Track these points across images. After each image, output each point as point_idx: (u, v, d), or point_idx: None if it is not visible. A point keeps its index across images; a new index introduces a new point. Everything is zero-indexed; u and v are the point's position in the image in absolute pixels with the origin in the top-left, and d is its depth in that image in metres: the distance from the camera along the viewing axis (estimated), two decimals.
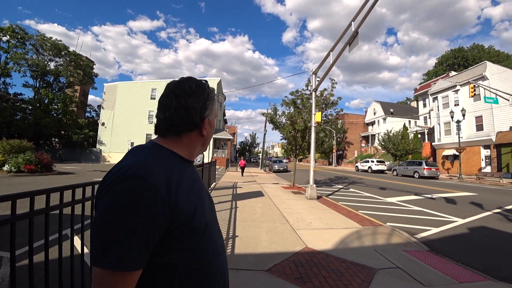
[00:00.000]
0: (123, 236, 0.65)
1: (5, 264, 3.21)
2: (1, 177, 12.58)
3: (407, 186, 14.98)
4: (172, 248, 0.74)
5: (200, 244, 0.80)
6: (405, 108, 51.46)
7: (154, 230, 0.69)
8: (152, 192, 0.68)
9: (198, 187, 0.88)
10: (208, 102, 0.89)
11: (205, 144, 0.94)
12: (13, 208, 1.51)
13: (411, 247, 4.54)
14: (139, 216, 0.66)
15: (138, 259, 0.67)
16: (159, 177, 0.72)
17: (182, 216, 0.74)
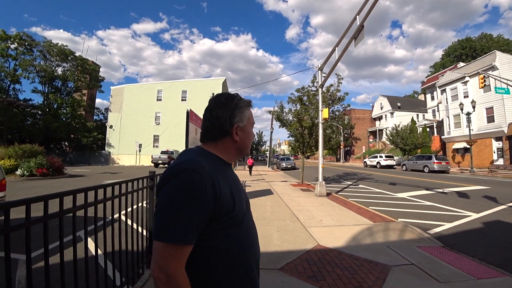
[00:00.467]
0: (181, 216, 0.83)
1: (21, 266, 3.29)
2: (15, 181, 12.86)
3: (417, 181, 14.78)
4: (216, 233, 0.91)
5: (238, 232, 0.96)
6: (412, 102, 50.62)
7: (202, 214, 0.86)
8: (203, 182, 0.86)
9: (236, 184, 1.05)
10: (236, 111, 1.05)
11: (241, 149, 1.10)
12: (27, 212, 1.53)
13: (425, 243, 4.48)
14: (193, 200, 0.84)
15: (190, 236, 0.84)
16: (207, 172, 0.89)
17: (224, 207, 0.91)
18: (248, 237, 1.02)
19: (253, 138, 1.15)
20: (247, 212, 1.05)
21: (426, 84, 41.81)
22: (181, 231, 0.82)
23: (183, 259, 0.84)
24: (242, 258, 0.96)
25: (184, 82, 38.04)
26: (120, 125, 36.31)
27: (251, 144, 1.15)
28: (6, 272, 1.40)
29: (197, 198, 0.84)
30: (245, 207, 1.04)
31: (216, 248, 0.91)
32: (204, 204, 0.85)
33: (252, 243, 1.04)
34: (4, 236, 1.38)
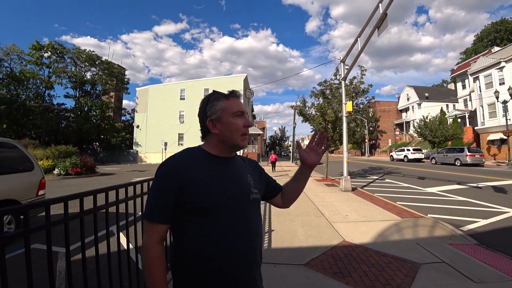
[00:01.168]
0: (151, 199, 1.03)
1: (61, 258, 3.54)
2: (52, 180, 13.78)
3: (448, 175, 14.04)
4: (187, 220, 1.02)
5: (211, 223, 1.00)
6: (441, 91, 47.86)
7: (166, 199, 1.00)
8: (169, 173, 1.02)
9: (223, 177, 1.08)
10: (207, 107, 1.12)
11: (224, 141, 1.11)
12: (65, 209, 1.65)
13: (457, 240, 4.26)
14: (158, 188, 1.02)
15: (155, 216, 1.01)
16: (176, 166, 1.03)
17: (190, 196, 1.00)
18: (227, 230, 1.01)
19: (238, 127, 1.10)
20: (232, 205, 1.04)
21: (456, 72, 39.31)
22: (149, 211, 1.02)
23: (152, 231, 1.01)
24: (209, 248, 0.99)
25: (206, 80, 38.63)
26: (146, 125, 37.65)
27: (237, 133, 1.10)
28: (48, 263, 1.52)
29: (161, 186, 1.02)
30: (228, 200, 1.04)
31: (185, 233, 1.02)
32: (167, 190, 1.00)
33: (228, 236, 1.01)
34: (46, 231, 1.49)
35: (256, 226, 1.13)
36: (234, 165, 1.16)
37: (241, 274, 1.04)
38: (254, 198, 1.14)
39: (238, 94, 1.16)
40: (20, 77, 32.36)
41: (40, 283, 2.74)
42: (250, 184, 1.16)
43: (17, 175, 4.66)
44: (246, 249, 1.05)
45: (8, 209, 1.38)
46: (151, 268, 0.99)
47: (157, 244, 1.01)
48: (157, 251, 1.00)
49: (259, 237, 1.15)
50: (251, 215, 1.11)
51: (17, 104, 30.29)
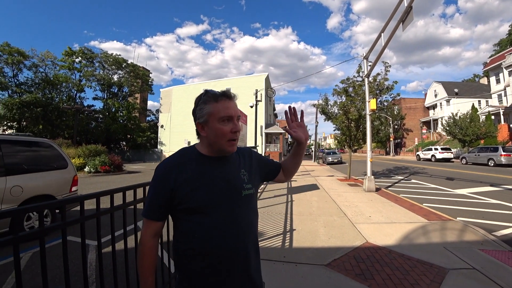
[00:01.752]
0: (148, 198, 1.12)
1: (92, 251, 3.76)
2: (84, 177, 14.58)
3: (480, 176, 13.25)
4: (180, 218, 1.10)
5: (203, 221, 1.06)
6: (472, 87, 45.03)
7: (160, 198, 1.08)
8: (163, 174, 1.10)
9: (210, 178, 1.11)
10: (197, 109, 1.15)
11: (211, 144, 1.13)
12: (97, 204, 1.76)
13: (490, 246, 4.03)
14: (153, 188, 1.11)
15: (150, 214, 1.10)
16: (169, 167, 1.11)
17: (181, 195, 1.06)
18: (212, 227, 1.07)
19: (222, 133, 1.09)
20: (221, 204, 1.09)
21: (489, 65, 36.71)
22: (145, 209, 1.12)
23: (148, 228, 1.11)
24: (201, 243, 1.06)
25: (227, 80, 39.10)
26: (170, 124, 38.79)
27: (222, 139, 1.10)
28: (82, 254, 1.63)
29: (155, 187, 1.10)
30: (217, 199, 1.09)
31: (180, 231, 1.11)
32: (160, 191, 1.08)
33: (218, 234, 1.06)
34: (80, 224, 1.61)
35: (246, 222, 1.14)
36: (227, 163, 1.17)
37: (232, 270, 1.08)
38: (246, 194, 1.15)
39: (229, 95, 1.12)
40: (54, 81, 34.53)
41: (72, 272, 2.93)
42: (243, 180, 1.17)
43: (52, 172, 5.00)
44: (235, 245, 1.08)
45: (49, 203, 1.50)
46: (143, 258, 1.10)
47: (151, 238, 1.11)
48: (149, 244, 1.10)
49: (251, 233, 1.15)
50: (241, 212, 1.13)
51: (51, 106, 32.28)
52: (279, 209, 6.29)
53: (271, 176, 1.42)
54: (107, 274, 2.71)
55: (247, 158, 1.28)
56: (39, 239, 1.33)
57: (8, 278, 3.12)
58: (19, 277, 1.20)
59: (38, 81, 34.18)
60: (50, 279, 2.94)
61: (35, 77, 34.22)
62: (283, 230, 4.76)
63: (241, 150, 1.30)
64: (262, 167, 1.36)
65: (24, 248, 3.85)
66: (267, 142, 36.78)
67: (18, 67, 32.42)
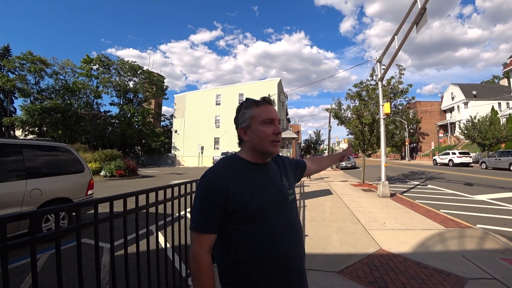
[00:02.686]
0: (197, 211, 1.06)
1: (105, 253, 3.84)
2: (99, 181, 14.98)
3: (501, 181, 12.70)
4: (233, 228, 1.06)
5: (257, 229, 1.05)
6: (492, 88, 43.34)
7: (212, 209, 1.03)
8: (214, 185, 1.04)
9: (260, 184, 1.12)
10: (239, 115, 1.18)
11: (254, 147, 1.14)
12: (111, 208, 1.81)
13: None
14: (204, 199, 1.04)
15: (202, 226, 1.04)
16: (220, 177, 1.06)
17: (235, 206, 1.04)
18: (271, 234, 1.06)
19: (266, 134, 1.12)
20: (275, 209, 1.10)
21: (510, 65, 35.46)
22: (196, 222, 1.05)
23: (203, 243, 1.04)
24: (261, 252, 1.04)
25: (240, 85, 39.50)
26: (184, 130, 39.43)
27: (265, 141, 1.12)
28: (95, 256, 1.67)
29: (206, 198, 1.04)
30: (271, 204, 1.10)
31: (235, 241, 1.06)
32: (213, 202, 1.03)
33: (277, 240, 1.06)
34: (94, 227, 1.65)
35: (297, 225, 1.19)
36: (270, 170, 1.20)
37: (292, 275, 1.09)
38: (292, 199, 1.21)
39: (269, 100, 1.18)
40: (73, 88, 35.90)
41: (87, 274, 3.00)
42: (286, 186, 1.22)
43: (70, 176, 5.17)
44: (293, 250, 1.10)
45: (65, 206, 1.55)
46: (203, 277, 1.02)
47: (207, 254, 1.04)
48: (207, 261, 1.03)
49: (301, 235, 1.21)
50: (292, 216, 1.18)
51: (70, 112, 33.51)
52: None
53: (301, 175, 1.54)
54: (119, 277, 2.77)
55: (281, 163, 1.33)
56: (55, 240, 1.38)
57: (26, 278, 3.22)
58: (35, 277, 1.24)
59: (58, 88, 35.63)
60: (66, 280, 3.02)
61: (56, 84, 35.71)
62: None
63: (277, 157, 1.35)
64: (294, 169, 1.44)
65: (42, 249, 3.98)
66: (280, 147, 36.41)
67: (40, 74, 33.96)
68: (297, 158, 1.51)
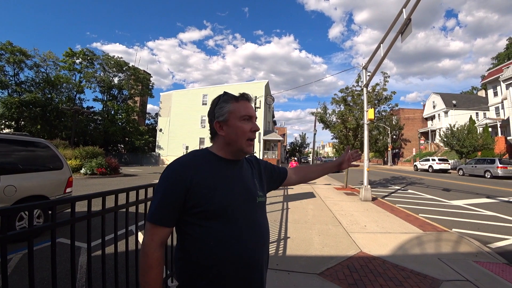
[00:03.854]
0: (155, 201, 1.00)
1: (83, 253, 3.71)
2: (79, 179, 14.48)
3: (476, 188, 13.27)
4: (193, 223, 1.00)
5: (219, 227, 0.99)
6: (470, 99, 45.43)
7: (171, 202, 0.98)
8: (175, 176, 0.99)
9: (228, 180, 1.07)
10: (216, 108, 1.12)
11: (229, 144, 1.09)
12: (89, 206, 1.75)
13: (484, 258, 4.02)
14: (164, 190, 0.99)
15: (160, 217, 0.98)
16: (184, 168, 1.01)
17: (197, 199, 0.98)
18: (235, 232, 1.01)
19: (243, 130, 1.08)
20: (241, 208, 1.05)
21: (487, 78, 37.10)
22: (154, 213, 0.99)
23: (155, 235, 0.98)
24: (223, 251, 0.98)
25: (228, 86, 39.44)
26: (169, 129, 38.82)
27: (242, 138, 1.08)
28: (71, 256, 1.62)
29: (167, 188, 0.99)
30: (237, 202, 1.04)
31: (195, 238, 1.00)
32: (173, 193, 0.98)
33: (241, 239, 1.01)
34: (70, 225, 1.60)
35: (264, 229, 1.13)
36: (241, 168, 1.15)
37: (253, 277, 1.03)
38: (260, 201, 1.15)
39: (249, 97, 1.14)
40: (54, 82, 34.56)
41: (63, 275, 2.89)
42: (257, 187, 1.17)
43: (47, 172, 4.97)
44: (256, 252, 1.04)
45: (39, 203, 1.49)
46: (149, 271, 0.96)
47: (158, 248, 0.98)
48: (157, 255, 0.98)
49: (268, 240, 1.15)
50: (258, 218, 1.11)
51: (51, 106, 32.27)
52: (274, 216, 6.26)
53: (278, 183, 1.42)
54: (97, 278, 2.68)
55: (255, 165, 1.28)
56: (27, 239, 1.32)
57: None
58: (5, 277, 1.18)
59: (38, 81, 34.22)
60: (39, 281, 2.90)
61: (36, 77, 34.28)
62: (277, 237, 4.73)
63: (249, 158, 1.29)
64: (269, 174, 1.35)
65: (15, 249, 3.81)
66: (265, 149, 36.78)
67: (19, 66, 32.48)
68: (278, 166, 1.45)
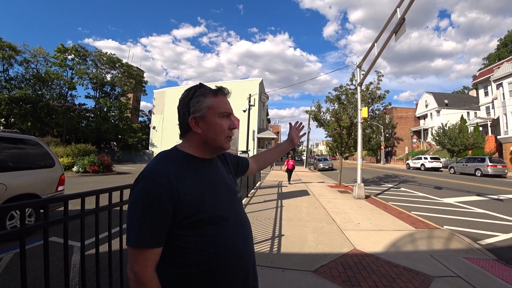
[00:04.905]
0: (138, 223, 0.85)
1: (76, 252, 3.67)
2: (71, 177, 14.28)
3: (467, 186, 13.52)
4: (186, 235, 0.90)
5: (213, 232, 0.93)
6: (462, 98, 46.17)
7: (160, 219, 0.86)
8: (158, 189, 0.86)
9: (212, 183, 1.00)
10: (192, 101, 0.99)
11: (207, 142, 1.01)
12: (82, 204, 1.72)
13: (474, 255, 4.10)
14: (148, 207, 0.85)
15: (149, 239, 0.85)
16: (165, 178, 0.88)
17: (187, 209, 0.89)
18: (230, 235, 0.97)
19: (223, 129, 1.01)
20: (228, 209, 1.01)
21: (478, 78, 37.71)
22: (137, 236, 0.84)
23: (148, 260, 0.86)
24: (220, 257, 0.93)
25: (222, 84, 38.88)
26: (162, 126, 38.50)
27: (221, 136, 1.01)
28: (64, 255, 1.60)
29: (150, 204, 0.85)
30: (225, 204, 1.01)
31: (188, 248, 0.90)
32: (159, 208, 0.85)
33: (236, 241, 0.98)
34: (63, 224, 1.57)
35: (248, 224, 1.12)
36: (217, 166, 1.11)
37: (249, 274, 1.04)
38: (240, 196, 1.14)
39: (227, 91, 1.07)
40: (45, 78, 33.88)
41: (55, 274, 2.85)
42: (234, 183, 1.15)
43: (39, 170, 4.89)
44: (249, 248, 1.05)
45: (31, 202, 1.46)
46: None
47: (154, 273, 0.87)
48: (155, 281, 0.87)
49: (252, 235, 1.14)
50: (242, 214, 1.10)
51: (41, 103, 31.69)
52: (269, 214, 6.28)
53: (242, 172, 1.40)
54: (90, 277, 2.65)
55: (223, 158, 1.23)
56: (19, 238, 1.29)
57: None
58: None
59: (28, 77, 33.52)
60: (31, 281, 2.86)
61: (26, 73, 33.56)
62: (272, 235, 4.74)
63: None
64: (235, 166, 1.33)
65: (5, 248, 3.74)
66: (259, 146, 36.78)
67: (8, 62, 31.73)
68: (238, 155, 1.42)
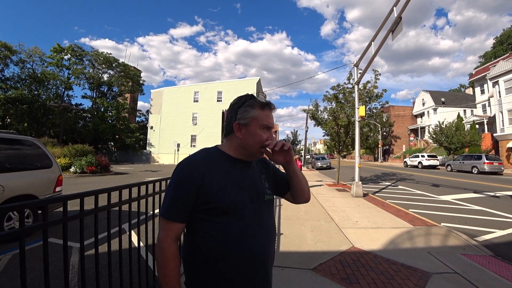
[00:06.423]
0: (168, 198, 1.05)
1: (75, 253, 3.66)
2: (69, 177, 14.22)
3: (464, 183, 13.61)
4: (203, 218, 1.04)
5: (228, 222, 1.04)
6: (458, 96, 46.40)
7: (184, 198, 1.02)
8: (188, 173, 1.03)
9: (240, 180, 1.11)
10: (240, 109, 1.13)
11: (244, 147, 1.13)
12: (81, 204, 1.72)
13: (471, 251, 4.14)
14: (177, 187, 1.03)
15: (174, 213, 1.03)
16: (196, 165, 1.05)
17: (208, 196, 1.02)
18: (243, 228, 1.05)
19: (261, 139, 1.11)
20: (250, 206, 1.09)
21: (474, 76, 37.88)
22: (167, 209, 1.05)
23: (170, 231, 1.04)
24: (229, 246, 1.02)
25: (219, 83, 39.07)
26: (160, 126, 38.36)
27: (258, 145, 1.11)
28: (64, 255, 1.59)
29: (180, 185, 1.03)
30: (247, 200, 1.09)
31: (202, 232, 1.04)
32: (186, 190, 1.02)
33: (248, 235, 1.06)
34: (63, 224, 1.57)
35: (271, 226, 1.18)
36: (250, 167, 1.19)
37: (258, 272, 1.08)
38: (268, 199, 1.19)
39: (273, 107, 1.17)
40: (41, 78, 33.66)
41: (54, 275, 2.85)
42: (265, 185, 1.21)
43: (36, 171, 4.86)
44: (263, 248, 1.09)
45: (30, 202, 1.46)
46: (167, 266, 1.02)
47: (173, 243, 1.04)
48: (173, 249, 1.03)
49: (274, 238, 1.20)
50: (266, 215, 1.16)
51: (38, 103, 31.48)
52: None
53: (281, 191, 1.35)
54: (89, 277, 2.65)
55: (263, 165, 1.31)
56: (19, 239, 1.29)
57: None
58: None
59: (24, 77, 33.27)
60: (30, 282, 2.85)
61: (22, 73, 33.30)
62: None
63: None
64: (275, 178, 1.32)
65: (4, 249, 3.73)
66: None
67: (4, 62, 31.53)
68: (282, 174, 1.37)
